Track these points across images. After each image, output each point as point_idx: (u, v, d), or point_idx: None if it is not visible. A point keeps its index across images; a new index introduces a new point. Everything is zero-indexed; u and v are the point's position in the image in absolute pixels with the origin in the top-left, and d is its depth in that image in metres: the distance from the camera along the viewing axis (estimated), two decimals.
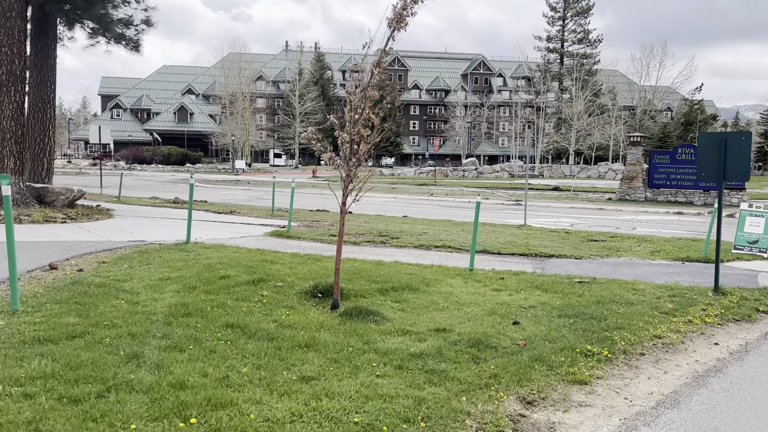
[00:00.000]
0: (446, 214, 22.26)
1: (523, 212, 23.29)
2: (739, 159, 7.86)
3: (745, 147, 7.81)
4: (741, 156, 7.84)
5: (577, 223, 20.29)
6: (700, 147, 8.16)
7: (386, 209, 24.04)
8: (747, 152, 7.80)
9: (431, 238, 13.36)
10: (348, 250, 11.34)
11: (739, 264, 12.12)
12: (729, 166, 7.91)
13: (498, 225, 18.19)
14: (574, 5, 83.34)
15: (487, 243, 13.05)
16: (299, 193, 30.81)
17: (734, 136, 7.88)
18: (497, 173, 55.03)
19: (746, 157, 7.81)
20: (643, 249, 13.59)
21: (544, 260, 11.39)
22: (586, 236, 15.82)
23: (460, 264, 10.05)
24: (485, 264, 10.50)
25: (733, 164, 7.90)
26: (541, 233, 16.21)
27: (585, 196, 31.38)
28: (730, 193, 25.79)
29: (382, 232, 14.12)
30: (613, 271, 10.31)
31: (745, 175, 7.84)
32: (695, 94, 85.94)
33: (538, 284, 8.23)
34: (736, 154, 7.86)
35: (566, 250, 12.58)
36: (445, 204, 27.23)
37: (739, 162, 7.86)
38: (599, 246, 13.74)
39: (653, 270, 10.66)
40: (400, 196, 30.74)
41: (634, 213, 23.64)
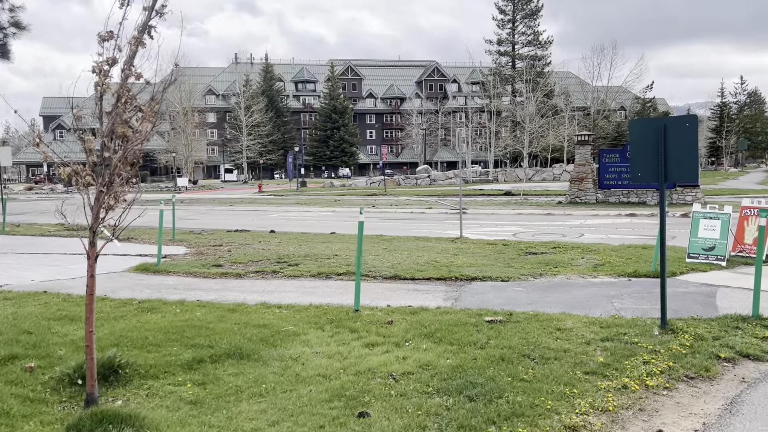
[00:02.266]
0: (381, 228, 20.24)
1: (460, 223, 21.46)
2: (683, 152, 5.94)
3: (691, 136, 5.90)
4: (686, 148, 5.93)
5: (521, 232, 18.49)
6: (633, 138, 6.24)
7: (320, 225, 22.00)
8: (693, 143, 5.89)
9: (339, 263, 11.25)
10: (219, 286, 9.14)
11: (695, 277, 10.30)
12: (671, 162, 6.00)
13: (431, 239, 16.23)
14: (523, 8, 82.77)
15: (402, 266, 11.00)
16: (232, 211, 28.36)
17: (676, 122, 5.97)
18: (451, 180, 53.38)
19: (692, 149, 5.90)
20: (585, 262, 11.75)
21: (463, 286, 9.38)
22: (525, 248, 13.98)
23: (351, 301, 7.95)
24: (387, 296, 8.43)
25: (676, 159, 5.98)
26: (475, 247, 14.29)
27: (535, 200, 29.74)
28: (684, 191, 24.38)
29: (284, 257, 11.95)
30: (542, 297, 8.34)
31: (692, 173, 5.93)
32: (646, 92, 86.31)
33: (434, 330, 6.17)
34: (679, 146, 5.94)
35: (494, 270, 10.61)
36: (385, 216, 25.21)
37: (684, 156, 5.94)
38: (536, 261, 11.86)
39: (592, 293, 8.72)
40: (340, 209, 28.63)
41: (583, 217, 21.97)
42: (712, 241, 11.50)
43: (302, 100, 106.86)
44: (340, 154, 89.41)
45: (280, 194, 44.92)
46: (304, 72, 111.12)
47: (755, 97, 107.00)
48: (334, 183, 56.38)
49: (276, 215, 26.65)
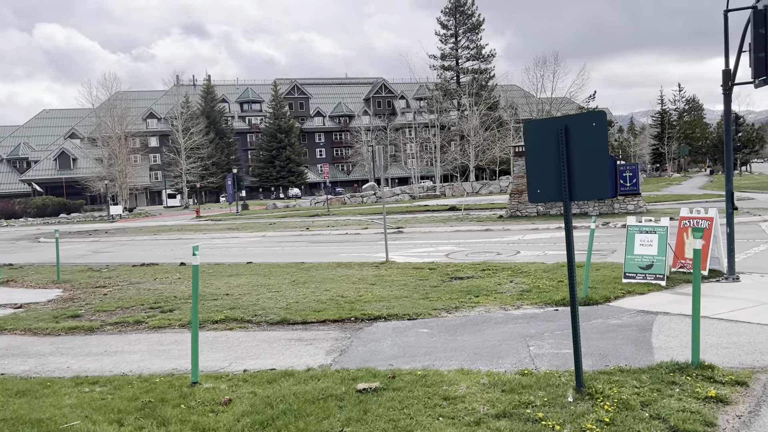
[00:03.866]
0: (307, 253, 18.68)
1: (395, 244, 20.02)
2: (592, 160, 4.56)
3: (599, 139, 4.53)
4: (595, 154, 4.55)
5: (455, 252, 17.17)
6: (529, 145, 4.83)
7: (243, 252, 20.34)
8: (602, 147, 4.51)
9: (223, 305, 9.56)
10: (51, 348, 7.31)
11: (630, 302, 9.01)
12: (577, 174, 4.61)
13: (355, 265, 14.72)
14: (465, 22, 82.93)
15: (300, 305, 9.40)
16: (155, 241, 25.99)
17: (580, 122, 4.59)
18: (397, 196, 52.14)
19: (602, 155, 4.52)
20: (513, 287, 10.40)
21: (362, 329, 7.83)
22: (452, 272, 12.62)
23: (209, 363, 6.31)
24: (257, 352, 6.81)
25: (583, 170, 4.59)
26: (398, 273, 12.84)
27: (477, 215, 28.58)
28: (625, 199, 23.56)
29: (163, 300, 10.19)
30: (447, 342, 6.86)
31: (603, 187, 4.54)
32: (589, 102, 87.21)
33: (279, 412, 4.58)
34: (586, 153, 4.56)
35: (406, 305, 9.12)
36: (317, 239, 23.59)
37: (592, 165, 4.56)
38: (458, 288, 10.45)
39: (508, 332, 7.29)
40: (271, 233, 26.84)
41: (522, 232, 20.81)
42: (650, 258, 10.29)
43: (248, 120, 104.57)
44: (287, 174, 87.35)
45: (217, 219, 42.77)
46: (249, 92, 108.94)
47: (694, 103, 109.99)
48: (277, 204, 54.42)
49: (199, 243, 24.66)
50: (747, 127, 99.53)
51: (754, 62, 9.97)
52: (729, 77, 10.19)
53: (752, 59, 10.00)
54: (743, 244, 14.90)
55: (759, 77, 9.93)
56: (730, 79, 10.18)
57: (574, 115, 4.58)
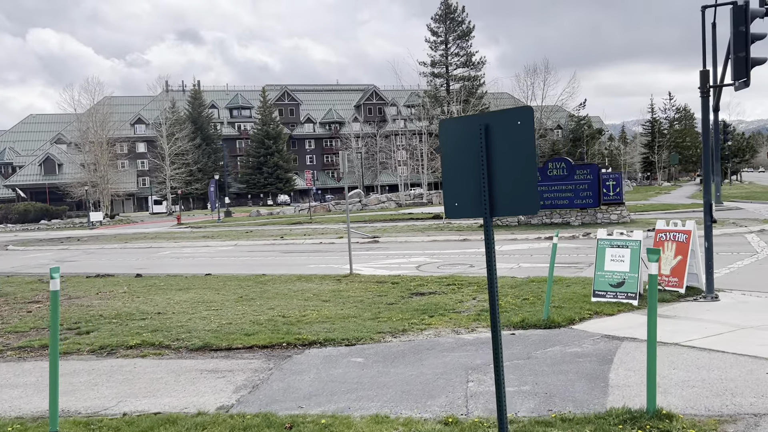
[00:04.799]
0: (274, 264, 17.83)
1: (368, 254, 19.16)
2: (518, 168, 3.70)
3: (526, 140, 3.67)
4: (521, 159, 3.69)
5: (427, 263, 16.33)
6: (445, 149, 3.97)
7: (208, 262, 19.49)
8: (529, 150, 3.65)
9: (147, 326, 8.64)
10: None
11: (596, 324, 8.16)
12: (500, 183, 3.75)
13: (316, 278, 13.88)
14: (455, 29, 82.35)
15: (233, 326, 8.50)
16: (124, 249, 24.77)
17: (504, 119, 3.73)
18: (383, 204, 51.28)
19: (529, 161, 3.66)
20: (473, 305, 9.57)
21: (290, 357, 6.94)
22: (415, 287, 11.81)
23: (92, 402, 5.39)
24: (158, 386, 5.91)
25: (507, 180, 3.73)
26: (358, 288, 11.99)
27: (458, 224, 27.72)
28: (608, 209, 22.76)
29: (85, 320, 9.26)
30: (378, 376, 5.97)
31: (531, 201, 3.68)
32: (580, 110, 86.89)
33: None
34: (511, 157, 3.70)
35: (351, 327, 8.24)
36: (289, 249, 22.70)
37: (519, 174, 3.70)
38: (415, 306, 9.60)
39: (451, 362, 6.41)
40: (244, 242, 25.90)
41: (500, 242, 19.96)
42: (621, 274, 9.44)
43: (237, 126, 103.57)
44: (274, 181, 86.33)
45: (198, 226, 41.73)
46: (238, 98, 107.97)
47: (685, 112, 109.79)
48: (260, 212, 53.43)
49: (168, 252, 23.75)
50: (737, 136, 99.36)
51: (733, 62, 9.19)
52: (707, 78, 9.40)
53: (732, 59, 9.22)
54: (727, 258, 14.10)
55: (739, 79, 9.15)
56: (707, 81, 9.39)
57: (497, 112, 3.72)
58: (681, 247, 10.08)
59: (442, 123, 3.99)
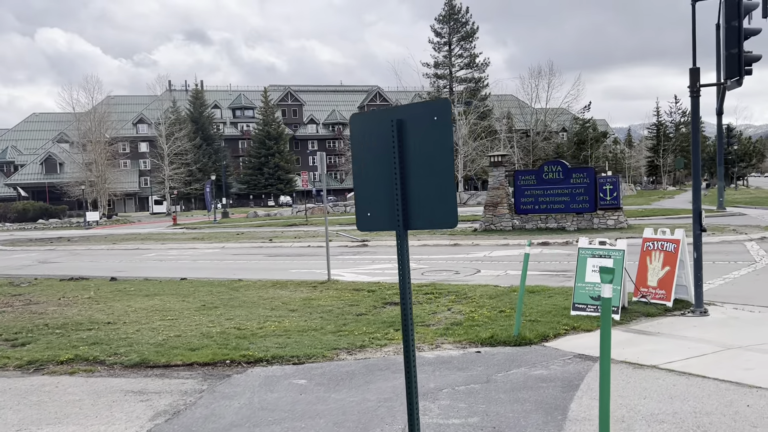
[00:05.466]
0: (256, 268, 17.38)
1: (354, 258, 18.58)
2: (434, 173, 3.09)
3: (443, 141, 3.06)
4: (438, 164, 3.08)
5: (413, 269, 15.68)
6: (355, 148, 3.36)
7: (194, 265, 19.10)
8: (447, 153, 3.04)
9: (97, 336, 8.08)
10: None
11: (571, 342, 7.52)
12: (415, 191, 3.13)
13: (292, 285, 13.33)
14: (458, 30, 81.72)
15: (182, 338, 7.92)
16: (111, 251, 23.89)
17: (417, 114, 3.12)
18: None
19: (447, 165, 3.05)
20: (445, 318, 8.97)
21: (231, 376, 6.35)
22: (390, 295, 11.31)
23: None
24: (69, 410, 5.32)
25: (422, 187, 3.12)
26: (330, 296, 11.42)
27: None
28: (605, 214, 22.07)
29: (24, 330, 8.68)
30: (316, 402, 5.37)
31: (448, 211, 3.07)
32: (584, 112, 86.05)
33: None
34: (426, 161, 3.09)
35: (305, 341, 7.66)
36: (277, 252, 22.16)
37: (435, 181, 3.09)
38: (385, 318, 9.04)
39: (400, 386, 5.80)
40: (232, 244, 25.36)
41: (491, 247, 19.33)
42: None
43: (240, 127, 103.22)
44: (275, 182, 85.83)
45: (193, 227, 41.25)
46: (241, 98, 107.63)
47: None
48: (258, 213, 52.93)
49: (153, 254, 23.22)
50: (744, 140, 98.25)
51: (725, 60, 8.54)
52: (697, 77, 8.75)
53: (723, 56, 8.58)
54: (723, 267, 13.42)
55: (731, 77, 8.50)
56: (698, 80, 8.74)
57: (411, 105, 3.11)
58: (669, 257, 9.43)
59: (352, 118, 3.38)
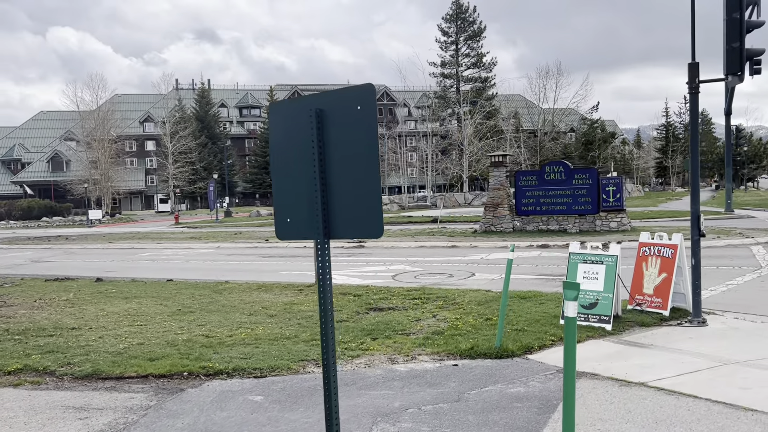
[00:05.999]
0: (246, 270, 16.98)
1: (349, 260, 18.11)
2: (359, 172, 2.60)
3: (368, 134, 2.58)
4: (362, 163, 2.59)
5: (406, 271, 15.32)
6: (275, 144, 2.90)
7: (186, 266, 18.90)
8: (372, 148, 2.56)
9: (56, 344, 7.67)
10: None
11: (555, 354, 7.02)
12: (338, 194, 2.64)
13: (277, 288, 12.93)
14: (465, 29, 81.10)
15: (148, 345, 7.50)
16: (106, 250, 23.51)
17: (339, 103, 2.64)
18: (385, 206, 50.15)
19: (372, 162, 2.57)
20: (429, 325, 8.51)
21: (185, 390, 5.91)
22: (377, 300, 10.89)
23: None
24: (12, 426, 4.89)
25: (346, 189, 2.63)
26: (315, 300, 10.93)
27: (452, 228, 26.57)
28: (608, 215, 21.49)
29: None
30: (265, 424, 4.93)
31: (373, 218, 2.60)
32: (592, 112, 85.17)
33: None
34: (350, 159, 2.60)
35: (272, 352, 7.21)
36: (270, 253, 21.76)
37: (359, 181, 2.60)
38: (365, 325, 8.58)
39: (363, 404, 5.34)
40: (227, 244, 24.97)
41: (488, 250, 18.81)
42: (594, 294, 8.28)
43: (246, 126, 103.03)
44: None
45: (194, 226, 40.95)
46: (248, 97, 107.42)
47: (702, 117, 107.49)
48: (261, 212, 52.62)
49: (147, 254, 22.87)
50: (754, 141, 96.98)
51: (726, 54, 8.01)
52: (696, 72, 8.23)
53: (725, 50, 8.05)
54: (727, 273, 12.86)
55: (732, 72, 7.97)
56: (697, 75, 8.21)
57: (332, 93, 2.64)
58: (666, 263, 8.91)
59: (271, 107, 2.92)
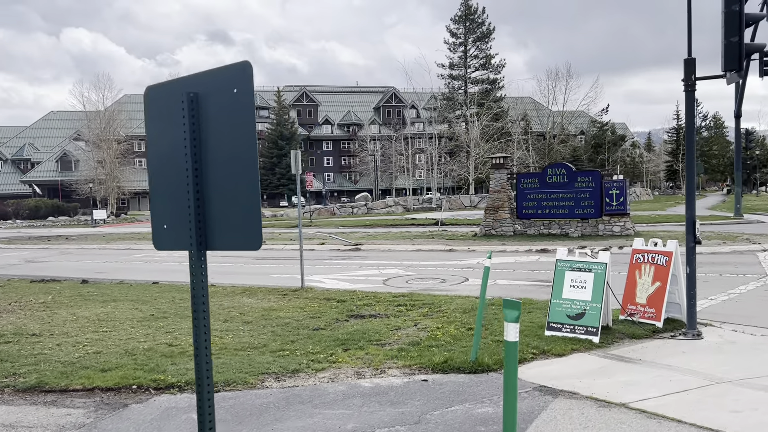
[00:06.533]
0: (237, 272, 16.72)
1: (342, 263, 17.68)
2: (237, 170, 2.14)
3: (245, 124, 2.12)
4: (240, 160, 2.12)
5: (398, 276, 14.91)
6: (150, 135, 2.45)
7: (179, 267, 18.89)
8: (251, 143, 2.11)
9: (10, 352, 7.31)
10: None
11: (535, 369, 6.54)
12: (216, 197, 2.18)
13: (261, 291, 12.63)
14: (474, 30, 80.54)
15: (105, 354, 7.10)
16: (102, 250, 23.36)
17: (215, 85, 2.19)
18: (390, 208, 49.71)
19: (251, 160, 2.12)
20: (408, 335, 8.08)
21: (128, 405, 5.49)
22: (359, 306, 10.49)
23: None
24: None
25: (224, 192, 2.16)
26: (295, 307, 10.58)
27: (453, 231, 26.05)
28: (611, 220, 20.90)
29: None
30: None
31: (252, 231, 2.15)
32: (602, 115, 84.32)
33: None
34: (227, 156, 2.14)
35: (236, 362, 6.79)
36: (265, 255, 21.47)
37: (238, 183, 2.13)
38: (340, 334, 8.15)
39: (315, 425, 4.88)
40: None
41: (484, 254, 18.27)
42: (581, 304, 7.78)
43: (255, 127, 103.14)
44: (287, 182, 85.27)
45: None
46: (257, 98, 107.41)
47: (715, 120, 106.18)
48: (265, 213, 52.32)
49: (141, 255, 22.60)
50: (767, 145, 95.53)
51: (724, 49, 7.50)
52: (692, 69, 7.71)
53: (723, 45, 7.54)
54: (730, 281, 12.28)
55: (730, 69, 7.45)
56: (693, 72, 7.70)
57: (206, 73, 2.20)
58: (660, 271, 8.40)
59: (145, 92, 2.48)
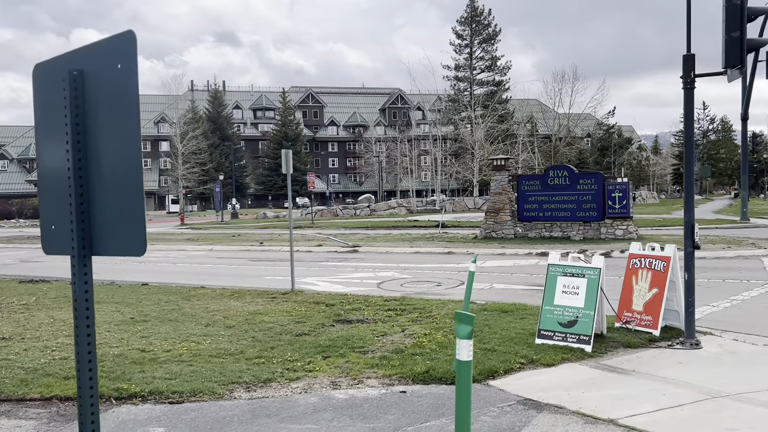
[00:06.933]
0: (230, 273, 16.53)
1: (338, 266, 17.37)
2: (121, 162, 1.79)
3: (129, 105, 1.78)
4: (124, 149, 1.77)
5: (393, 279, 14.62)
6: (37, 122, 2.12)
7: (173, 269, 18.78)
8: (134, 128, 1.76)
9: None
10: None
11: (521, 380, 6.18)
12: (101, 193, 1.84)
13: (250, 294, 12.33)
14: (480, 32, 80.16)
15: (71, 359, 6.78)
16: None
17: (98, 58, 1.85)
18: (393, 210, 49.37)
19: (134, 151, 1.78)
20: (393, 341, 7.76)
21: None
22: (348, 311, 10.21)
23: None
24: None
25: (110, 189, 1.82)
26: (282, 310, 10.27)
27: (454, 234, 25.67)
28: (614, 223, 20.49)
29: None
30: None
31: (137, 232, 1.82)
32: (608, 118, 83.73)
33: None
34: (113, 146, 1.79)
35: (207, 370, 6.47)
36: (262, 256, 21.21)
37: (123, 178, 1.79)
38: (326, 339, 7.87)
39: None
40: (220, 247, 24.39)
41: (485, 257, 17.91)
42: (574, 311, 7.41)
43: (260, 128, 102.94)
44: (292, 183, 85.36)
45: (198, 227, 40.54)
46: (263, 99, 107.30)
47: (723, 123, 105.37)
48: (267, 214, 52.16)
49: None
50: None
51: (725, 44, 7.13)
52: (692, 65, 7.35)
53: (723, 41, 7.17)
54: (733, 287, 11.87)
55: (732, 65, 7.08)
56: (692, 69, 7.34)
57: (90, 46, 1.87)
58: (657, 277, 8.03)
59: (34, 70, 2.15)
